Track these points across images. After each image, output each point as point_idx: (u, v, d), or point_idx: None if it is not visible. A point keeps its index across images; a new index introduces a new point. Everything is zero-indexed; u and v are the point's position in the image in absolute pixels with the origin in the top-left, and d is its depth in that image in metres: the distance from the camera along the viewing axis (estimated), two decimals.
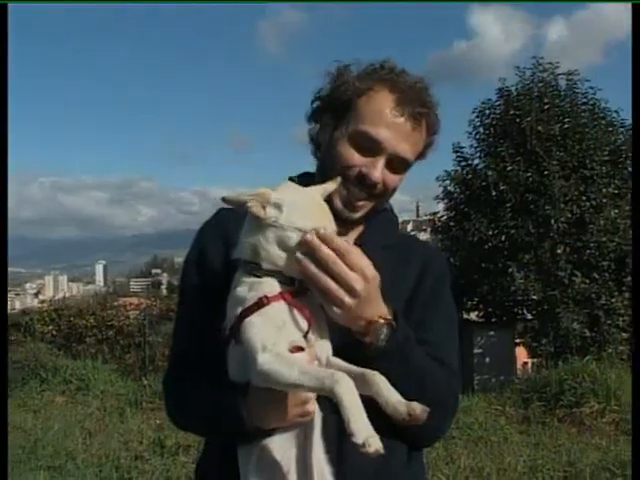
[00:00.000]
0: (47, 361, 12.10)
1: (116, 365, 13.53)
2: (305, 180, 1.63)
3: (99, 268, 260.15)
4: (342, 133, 1.61)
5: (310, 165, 1.82)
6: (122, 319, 15.04)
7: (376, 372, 1.33)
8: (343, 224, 1.59)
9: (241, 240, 1.42)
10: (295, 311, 1.35)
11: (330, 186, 1.50)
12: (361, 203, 1.62)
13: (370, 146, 1.58)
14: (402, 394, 1.35)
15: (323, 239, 1.32)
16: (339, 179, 1.52)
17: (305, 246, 1.32)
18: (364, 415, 1.18)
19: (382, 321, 1.40)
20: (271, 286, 1.36)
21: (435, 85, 1.64)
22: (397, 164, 1.62)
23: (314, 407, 1.38)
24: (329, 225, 1.36)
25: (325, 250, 1.31)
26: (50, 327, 14.95)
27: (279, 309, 1.34)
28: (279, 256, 1.36)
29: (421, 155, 1.69)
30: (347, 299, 1.33)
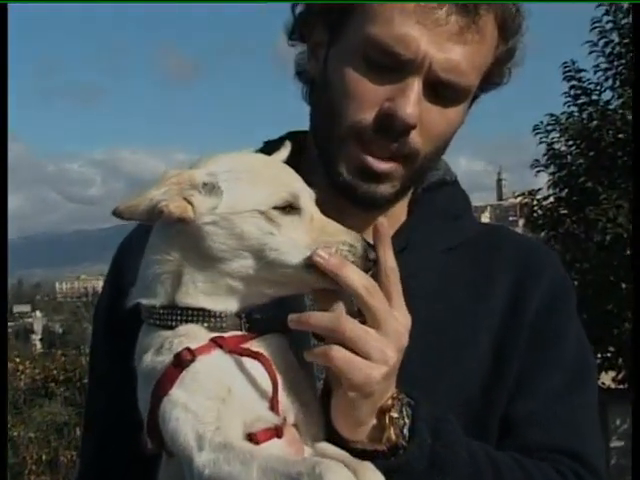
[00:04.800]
0: None
1: None
2: (292, 144, 1.78)
3: None
4: (343, 50, 1.78)
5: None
6: None
7: (368, 464, 1.48)
8: (362, 209, 1.83)
9: (143, 273, 1.55)
10: (248, 363, 1.47)
11: (282, 154, 1.72)
12: (387, 166, 1.81)
13: (392, 63, 1.73)
14: None
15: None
16: (288, 143, 1.72)
17: (317, 269, 1.48)
18: None
19: (394, 403, 1.55)
20: (195, 335, 1.48)
21: None
22: (445, 90, 1.77)
23: None
24: (298, 186, 1.53)
25: (354, 275, 1.45)
26: None
27: (216, 365, 1.45)
28: (248, 269, 1.51)
29: (492, 76, 1.87)
30: (375, 371, 1.47)
